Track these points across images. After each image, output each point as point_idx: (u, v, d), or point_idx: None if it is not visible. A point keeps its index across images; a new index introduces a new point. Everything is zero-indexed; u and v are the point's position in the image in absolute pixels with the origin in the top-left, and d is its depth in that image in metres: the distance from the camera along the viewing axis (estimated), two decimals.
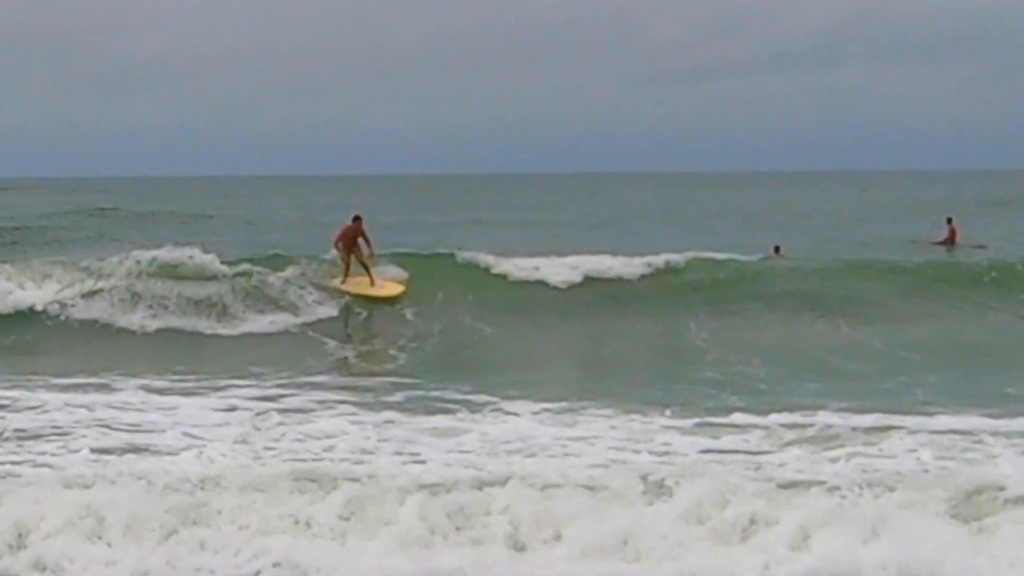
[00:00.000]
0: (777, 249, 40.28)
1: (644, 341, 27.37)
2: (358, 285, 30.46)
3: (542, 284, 31.23)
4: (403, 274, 31.21)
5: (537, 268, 31.76)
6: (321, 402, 20.65)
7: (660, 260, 31.97)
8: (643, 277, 31.48)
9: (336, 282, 30.55)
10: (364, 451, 16.90)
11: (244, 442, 17.44)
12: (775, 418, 18.77)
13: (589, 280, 31.37)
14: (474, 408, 19.92)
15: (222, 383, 22.23)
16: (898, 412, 19.10)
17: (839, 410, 19.29)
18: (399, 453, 16.79)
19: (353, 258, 30.61)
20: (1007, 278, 30.93)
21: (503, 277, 31.70)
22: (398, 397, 21.12)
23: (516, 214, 75.22)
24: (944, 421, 18.51)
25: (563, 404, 19.95)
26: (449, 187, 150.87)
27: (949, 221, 49.29)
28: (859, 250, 44.83)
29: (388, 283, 30.85)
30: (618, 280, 31.41)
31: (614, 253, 32.80)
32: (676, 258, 32.20)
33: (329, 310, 29.49)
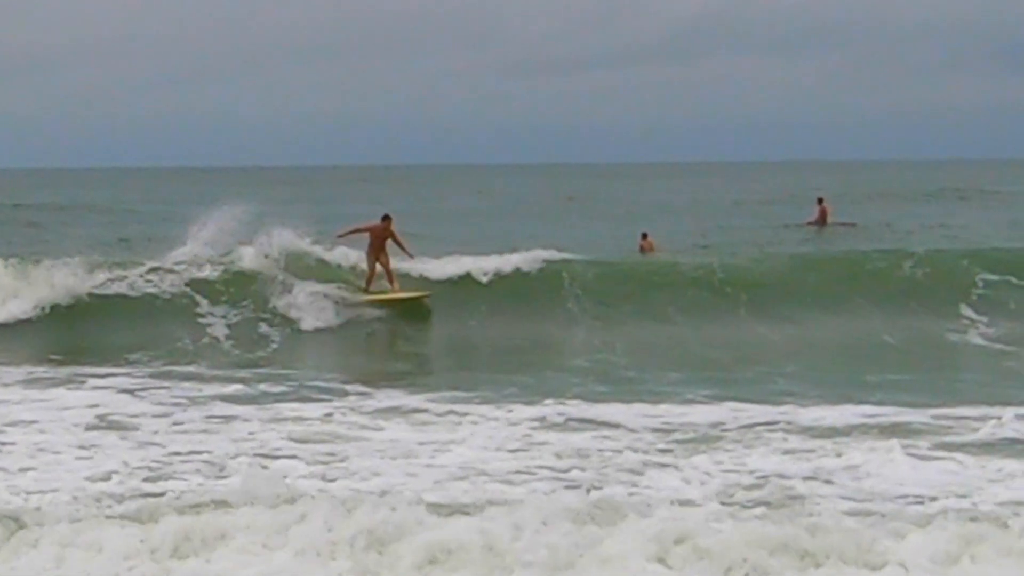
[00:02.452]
0: (645, 236, 41.08)
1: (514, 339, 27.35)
2: (382, 292, 28.50)
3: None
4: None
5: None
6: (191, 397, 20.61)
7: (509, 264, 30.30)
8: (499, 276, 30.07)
9: (359, 292, 28.53)
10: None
11: None
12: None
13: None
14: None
15: None
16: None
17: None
18: None
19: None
20: (869, 267, 30.98)
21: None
22: None
23: (387, 207, 74.69)
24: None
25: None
26: (319, 178, 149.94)
27: (820, 201, 50.94)
28: (734, 238, 45.59)
29: (410, 290, 28.86)
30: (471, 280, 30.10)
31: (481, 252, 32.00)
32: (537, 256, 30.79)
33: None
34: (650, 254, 39.68)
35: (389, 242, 28.51)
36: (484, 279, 29.43)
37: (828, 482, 15.09)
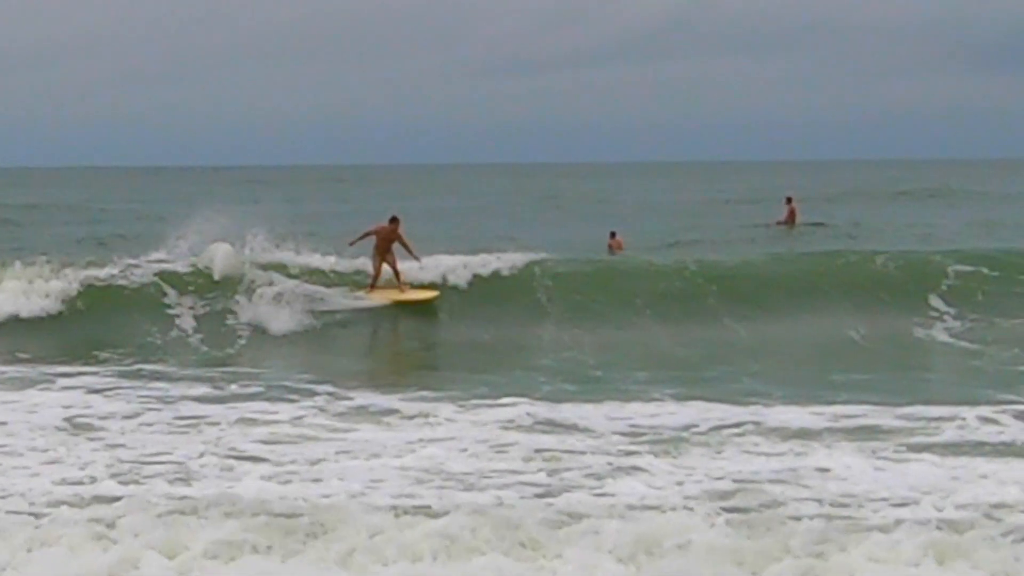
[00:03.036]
0: (613, 235, 41.44)
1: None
2: (387, 294, 28.32)
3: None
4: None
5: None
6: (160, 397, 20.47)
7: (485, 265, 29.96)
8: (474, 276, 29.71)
9: (363, 292, 28.43)
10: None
11: None
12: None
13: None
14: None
15: None
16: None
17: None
18: None
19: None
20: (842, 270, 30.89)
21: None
22: None
23: (357, 206, 74.59)
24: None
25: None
26: (292, 178, 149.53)
27: (788, 201, 51.14)
28: (704, 238, 45.79)
29: (419, 289, 28.60)
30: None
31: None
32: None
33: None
34: (619, 253, 40.00)
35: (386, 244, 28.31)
36: (458, 280, 29.25)
37: (797, 486, 14.98)
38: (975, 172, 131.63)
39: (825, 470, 15.70)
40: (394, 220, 28.49)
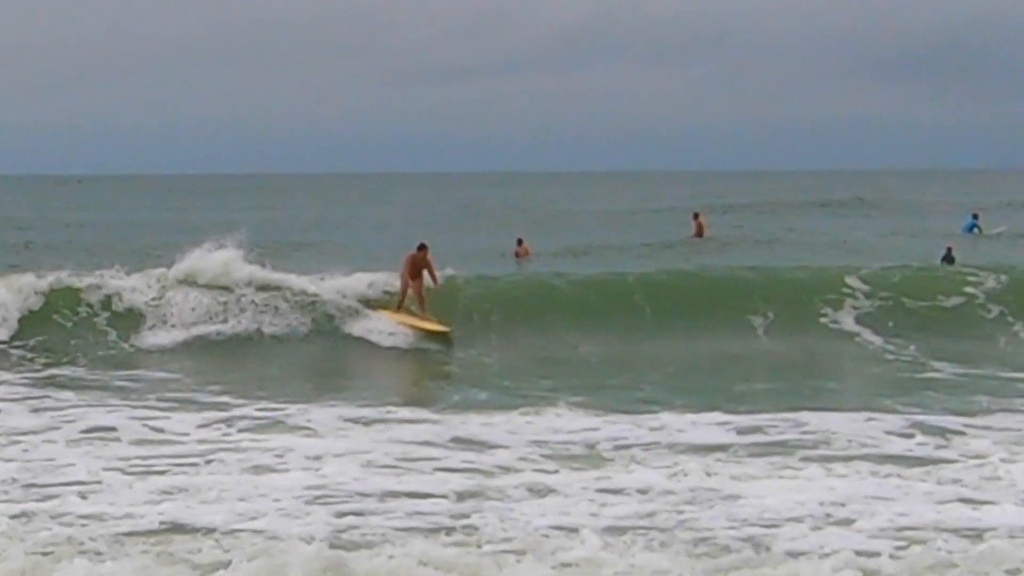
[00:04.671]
0: (520, 241, 42.92)
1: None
2: (407, 318, 27.91)
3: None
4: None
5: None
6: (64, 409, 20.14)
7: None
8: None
9: (386, 312, 28.15)
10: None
11: None
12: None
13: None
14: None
15: None
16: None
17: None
18: None
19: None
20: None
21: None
22: None
23: (264, 215, 74.04)
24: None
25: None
26: (199, 187, 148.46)
27: (696, 216, 52.64)
28: (611, 246, 46.07)
29: (437, 322, 27.95)
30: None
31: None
32: None
33: None
34: (524, 259, 41.53)
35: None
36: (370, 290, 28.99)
37: (703, 504, 14.53)
38: (887, 182, 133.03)
39: (731, 486, 15.30)
40: (422, 247, 28.48)
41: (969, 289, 29.31)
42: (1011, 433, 18.22)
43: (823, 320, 28.33)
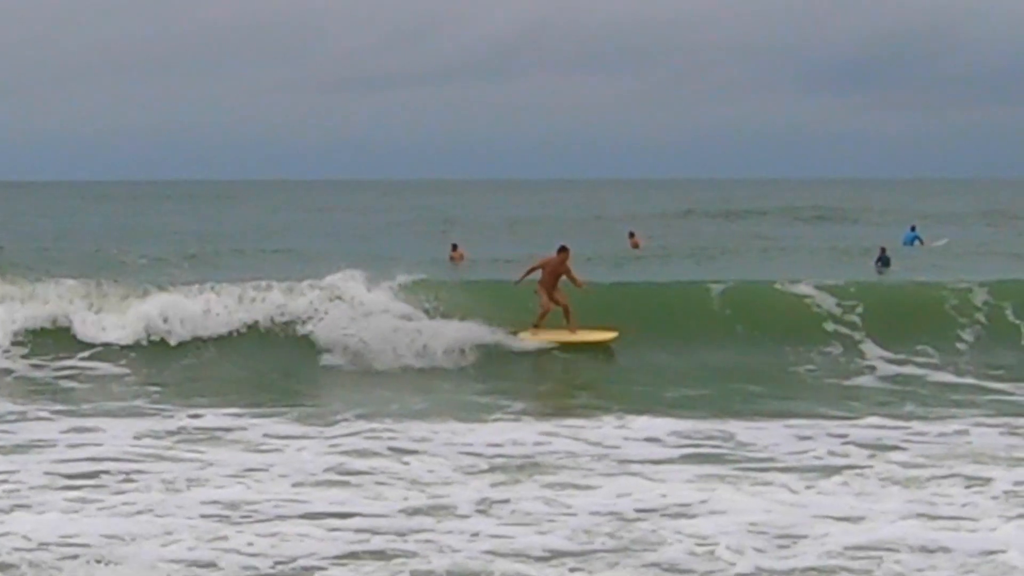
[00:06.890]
0: (455, 247, 44.96)
1: None
2: (554, 335, 25.72)
3: None
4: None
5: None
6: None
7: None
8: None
9: (525, 334, 25.86)
10: None
11: None
12: None
13: None
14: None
15: None
16: None
17: None
18: None
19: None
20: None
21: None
22: None
23: (199, 224, 73.58)
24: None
25: None
26: (134, 193, 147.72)
27: (631, 235, 53.90)
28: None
29: (594, 330, 25.92)
30: None
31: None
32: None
33: None
34: (459, 263, 43.28)
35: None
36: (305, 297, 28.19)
37: (653, 526, 13.91)
38: (824, 191, 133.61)
39: (683, 504, 14.76)
40: (563, 250, 26.02)
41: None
42: None
43: (761, 333, 27.71)
